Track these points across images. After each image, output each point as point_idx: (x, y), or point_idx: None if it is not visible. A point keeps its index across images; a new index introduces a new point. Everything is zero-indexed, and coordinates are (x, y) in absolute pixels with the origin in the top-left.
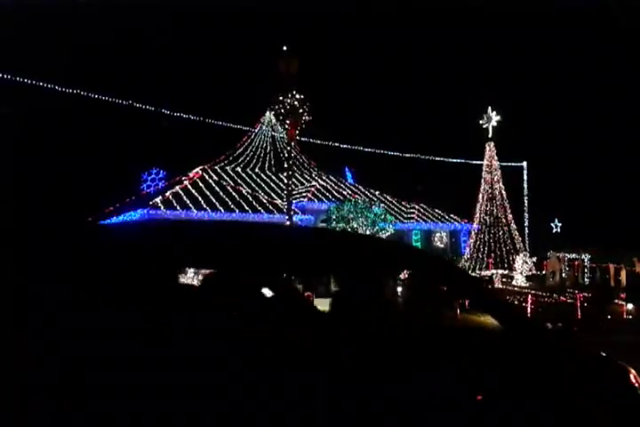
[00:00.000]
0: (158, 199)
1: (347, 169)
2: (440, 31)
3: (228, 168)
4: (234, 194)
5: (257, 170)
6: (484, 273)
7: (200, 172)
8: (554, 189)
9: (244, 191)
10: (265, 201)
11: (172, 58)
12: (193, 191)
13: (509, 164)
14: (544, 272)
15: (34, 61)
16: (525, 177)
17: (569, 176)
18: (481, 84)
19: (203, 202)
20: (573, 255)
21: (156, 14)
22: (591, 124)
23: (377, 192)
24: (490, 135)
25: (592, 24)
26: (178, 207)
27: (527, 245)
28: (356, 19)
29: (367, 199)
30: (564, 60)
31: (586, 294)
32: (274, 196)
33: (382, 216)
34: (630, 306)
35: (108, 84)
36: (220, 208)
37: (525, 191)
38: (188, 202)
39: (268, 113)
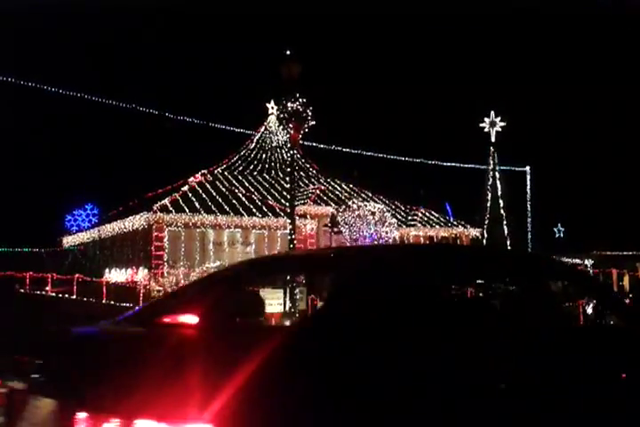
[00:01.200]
0: (160, 204)
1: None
2: (443, 34)
3: (229, 172)
4: (233, 198)
5: (261, 174)
6: None
7: (201, 177)
8: (557, 193)
9: (245, 195)
10: (268, 205)
11: (174, 60)
12: (194, 196)
13: (513, 168)
14: None
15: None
16: (528, 182)
17: (572, 181)
18: (485, 89)
19: (203, 206)
20: (576, 260)
21: (158, 17)
22: (595, 130)
23: (380, 196)
24: (493, 140)
25: (595, 27)
26: (182, 210)
27: (530, 250)
28: (359, 21)
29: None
30: (568, 64)
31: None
32: (275, 199)
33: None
34: None
35: (110, 85)
36: (219, 212)
37: (528, 196)
38: (186, 207)
39: (271, 117)
